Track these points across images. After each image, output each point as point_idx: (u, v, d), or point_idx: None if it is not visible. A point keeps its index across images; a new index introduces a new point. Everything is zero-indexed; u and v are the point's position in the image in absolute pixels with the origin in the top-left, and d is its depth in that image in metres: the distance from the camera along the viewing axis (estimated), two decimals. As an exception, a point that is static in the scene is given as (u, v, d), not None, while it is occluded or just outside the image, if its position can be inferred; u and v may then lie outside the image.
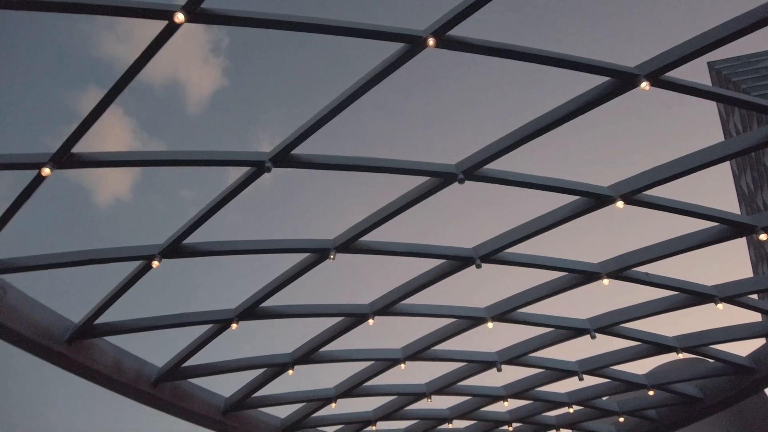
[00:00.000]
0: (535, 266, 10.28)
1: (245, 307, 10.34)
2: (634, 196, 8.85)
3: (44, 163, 7.09)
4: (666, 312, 11.48)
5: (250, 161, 7.95)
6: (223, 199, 8.29)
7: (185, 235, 8.72)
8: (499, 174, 8.68)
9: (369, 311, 10.89)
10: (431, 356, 12.40)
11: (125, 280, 9.33)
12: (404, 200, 8.90)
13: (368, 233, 9.28)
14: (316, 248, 9.51)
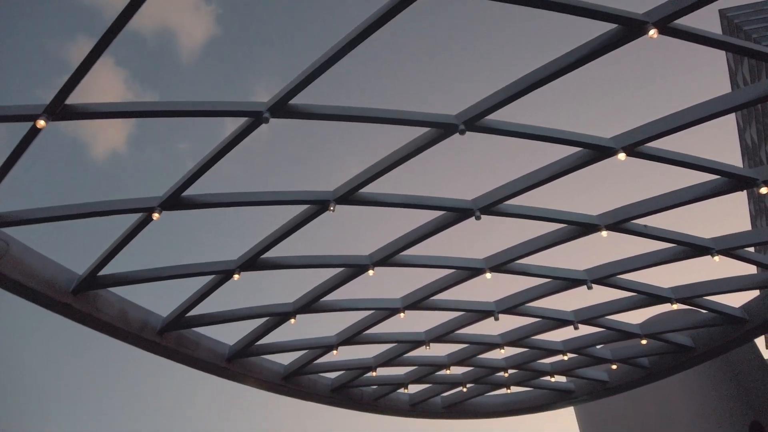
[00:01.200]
0: (534, 218, 10.32)
1: (247, 258, 10.47)
2: (636, 148, 8.76)
3: (38, 115, 6.99)
4: (662, 264, 11.63)
5: (248, 111, 7.82)
6: (221, 151, 8.22)
7: (184, 187, 8.70)
8: (500, 125, 8.57)
9: (369, 262, 11.02)
10: (430, 306, 12.64)
11: (126, 232, 9.39)
12: (404, 151, 8.83)
13: (368, 185, 9.26)
14: (315, 200, 9.51)
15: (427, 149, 8.77)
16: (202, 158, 8.50)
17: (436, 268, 11.66)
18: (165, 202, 8.86)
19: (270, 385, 14.72)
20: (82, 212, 8.91)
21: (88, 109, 7.42)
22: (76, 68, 6.63)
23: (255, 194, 9.54)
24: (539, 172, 9.57)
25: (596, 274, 12.04)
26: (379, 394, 16.49)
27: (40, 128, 7.14)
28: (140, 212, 9.07)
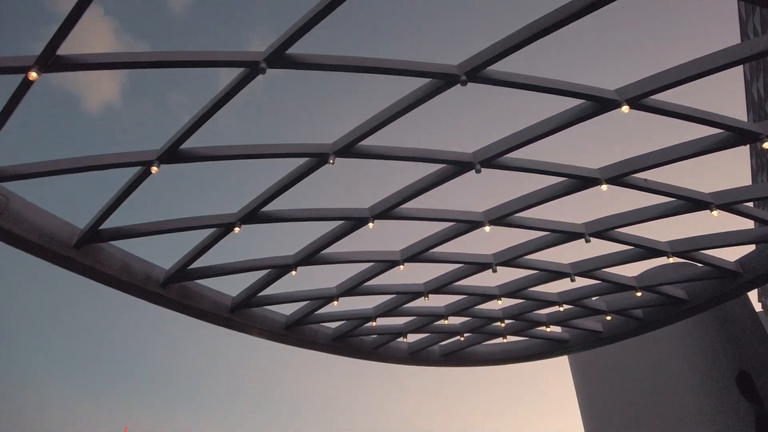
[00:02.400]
0: (534, 171, 10.28)
1: (247, 211, 10.51)
2: (640, 100, 8.62)
3: (29, 67, 6.84)
4: (661, 218, 11.68)
5: (244, 62, 7.65)
6: (217, 103, 8.10)
7: (182, 140, 8.63)
8: (503, 75, 8.39)
9: (369, 215, 11.06)
10: (429, 258, 12.79)
11: (125, 186, 9.39)
12: (404, 103, 8.70)
13: (367, 137, 9.18)
14: (315, 153, 9.45)
15: (428, 101, 8.64)
16: (199, 110, 8.39)
17: (436, 221, 11.73)
18: (163, 155, 8.80)
19: (273, 334, 15.11)
20: (81, 166, 8.87)
21: (80, 60, 7.25)
22: (65, 17, 6.45)
23: (254, 147, 9.47)
24: (541, 124, 9.46)
25: (594, 227, 12.12)
26: (378, 342, 16.96)
27: (33, 80, 7.00)
28: (139, 166, 9.04)
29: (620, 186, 10.65)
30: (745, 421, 25.58)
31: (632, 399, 30.42)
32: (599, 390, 33.53)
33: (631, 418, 30.30)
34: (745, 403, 26.04)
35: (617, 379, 31.74)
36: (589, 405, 34.59)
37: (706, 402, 26.85)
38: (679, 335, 26.45)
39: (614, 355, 27.82)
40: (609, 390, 32.43)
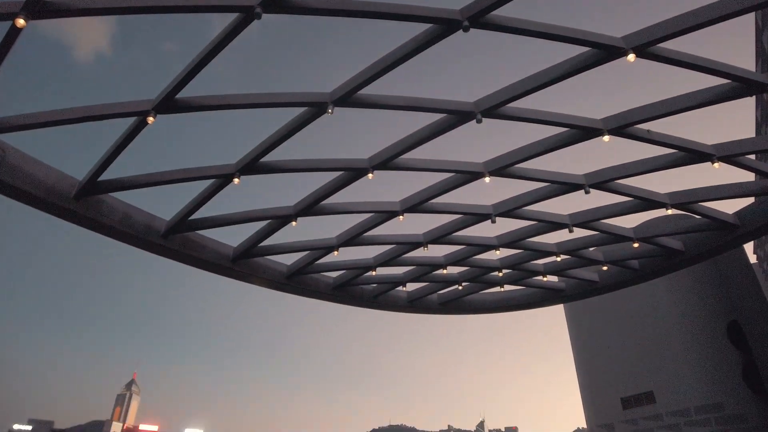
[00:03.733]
0: (536, 121, 10.13)
1: (246, 161, 10.44)
2: (647, 48, 8.38)
3: (17, 13, 6.62)
4: (662, 170, 11.62)
5: (238, 6, 7.38)
6: (212, 50, 7.87)
7: (177, 89, 8.46)
8: (505, 21, 8.12)
9: (368, 165, 11.00)
10: (429, 209, 12.82)
11: (122, 137, 9.28)
12: (404, 50, 8.45)
13: (367, 86, 8.99)
14: (313, 102, 9.29)
15: (429, 48, 8.40)
16: (194, 58, 8.17)
17: (436, 171, 11.68)
18: (159, 105, 8.65)
19: (275, 283, 15.39)
20: (76, 117, 8.74)
21: (68, 6, 6.99)
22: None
23: (251, 96, 9.29)
24: (544, 73, 9.24)
25: (595, 178, 12.08)
26: (378, 291, 17.30)
27: (21, 27, 6.79)
28: (135, 116, 8.91)
29: (622, 137, 10.53)
30: (732, 367, 26.52)
31: (624, 345, 31.42)
32: (592, 336, 34.54)
33: (622, 363, 31.39)
34: (733, 351, 26.91)
35: (610, 325, 32.66)
36: (582, 351, 35.73)
37: (695, 349, 27.73)
38: (672, 284, 27.01)
39: (608, 303, 28.47)
40: (602, 336, 33.42)
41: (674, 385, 27.95)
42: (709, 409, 26.29)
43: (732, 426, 25.28)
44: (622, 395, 30.88)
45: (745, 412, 25.26)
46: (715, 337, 27.31)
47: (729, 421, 25.44)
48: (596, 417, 32.86)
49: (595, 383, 33.53)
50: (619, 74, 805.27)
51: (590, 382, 34.21)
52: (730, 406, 25.67)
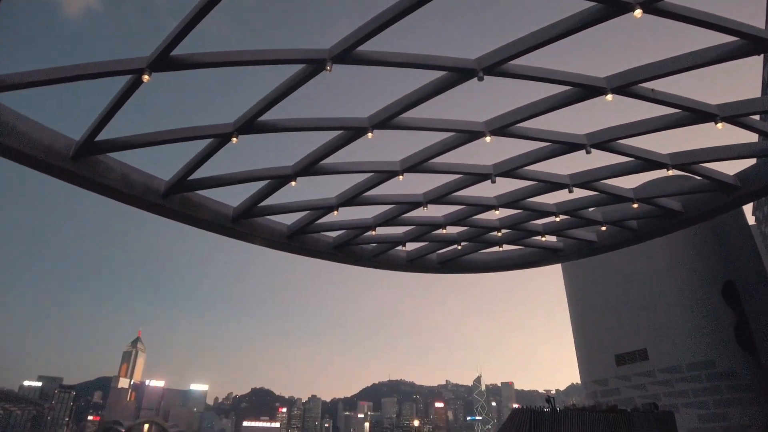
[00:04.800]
0: (538, 79, 9.95)
1: (243, 120, 10.33)
2: (654, 3, 8.14)
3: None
4: (665, 130, 11.50)
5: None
6: (206, 5, 7.66)
7: (172, 46, 8.28)
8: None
9: (368, 124, 10.89)
10: (429, 168, 12.78)
11: (118, 95, 9.16)
12: (404, 4, 8.23)
13: (366, 42, 8.79)
14: (311, 59, 9.10)
15: (430, 2, 8.16)
16: (188, 13, 7.96)
17: (436, 131, 11.57)
18: (154, 63, 8.49)
19: (275, 243, 15.53)
20: (70, 75, 8.59)
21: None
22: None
23: (249, 53, 9.11)
24: (548, 29, 9.00)
25: (596, 138, 11.97)
26: (378, 251, 17.46)
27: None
28: (130, 74, 8.76)
29: (626, 96, 10.37)
30: (725, 326, 27.03)
31: (620, 303, 31.92)
32: (589, 295, 35.04)
33: (617, 321, 31.99)
34: (727, 311, 27.37)
35: (607, 284, 33.08)
36: (578, 309, 36.33)
37: (690, 308, 28.18)
38: (670, 244, 27.19)
39: (605, 262, 28.74)
40: (598, 295, 33.90)
41: (667, 342, 28.55)
42: (700, 366, 26.96)
43: (722, 382, 26.00)
44: (616, 352, 31.60)
45: (736, 369, 25.92)
46: (709, 296, 27.71)
47: (719, 377, 26.13)
48: (590, 373, 33.76)
49: (591, 341, 34.28)
50: (624, 32, 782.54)
51: (585, 340, 34.97)
52: (721, 363, 26.32)
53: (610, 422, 18.99)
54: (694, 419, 26.21)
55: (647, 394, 28.23)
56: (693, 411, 26.47)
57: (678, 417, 21.82)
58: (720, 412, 25.70)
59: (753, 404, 25.06)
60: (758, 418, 24.65)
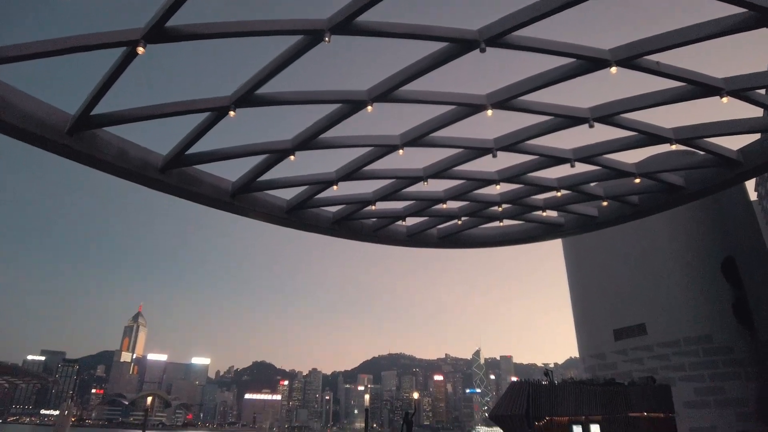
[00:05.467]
0: (542, 51, 9.73)
1: (241, 93, 10.14)
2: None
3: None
4: (669, 103, 11.32)
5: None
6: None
7: (167, 16, 8.06)
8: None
9: (367, 97, 10.71)
10: (429, 142, 12.64)
11: (113, 68, 8.97)
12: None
13: (365, 12, 8.56)
14: (310, 29, 8.89)
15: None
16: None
17: (437, 104, 11.39)
18: (148, 34, 8.28)
19: (274, 218, 15.47)
20: (65, 47, 8.40)
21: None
22: None
23: (245, 23, 8.89)
24: None
25: (600, 112, 11.80)
26: (378, 225, 17.42)
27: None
28: (124, 46, 8.55)
29: (630, 69, 10.17)
30: (723, 302, 27.23)
31: (619, 279, 32.08)
32: (589, 270, 35.20)
33: (616, 296, 32.21)
34: (726, 286, 27.54)
35: (607, 260, 33.19)
36: (578, 284, 36.55)
37: (689, 283, 28.34)
38: (671, 220, 27.18)
39: (605, 238, 28.76)
40: (598, 270, 34.06)
41: (666, 317, 28.79)
42: (697, 341, 27.26)
43: (719, 357, 26.33)
44: (614, 327, 31.90)
45: (732, 344, 26.21)
46: (709, 272, 27.84)
47: (716, 352, 26.45)
48: (589, 347, 34.17)
49: (590, 315, 34.60)
50: (629, 4, 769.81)
51: (585, 315, 35.30)
52: (718, 338, 26.60)
53: (608, 395, 19.33)
54: (690, 392, 26.61)
55: (645, 368, 28.59)
56: (689, 384, 26.86)
57: (674, 390, 22.16)
58: (716, 385, 26.09)
59: (748, 378, 25.42)
60: (753, 392, 25.04)
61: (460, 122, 11.74)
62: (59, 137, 10.08)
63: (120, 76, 9.15)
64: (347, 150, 13.10)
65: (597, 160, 13.82)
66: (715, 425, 25.34)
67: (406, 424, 22.13)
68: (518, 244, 19.49)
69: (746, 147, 13.96)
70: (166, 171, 12.11)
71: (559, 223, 18.21)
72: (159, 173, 12.03)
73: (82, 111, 9.81)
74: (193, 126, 11.28)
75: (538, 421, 18.23)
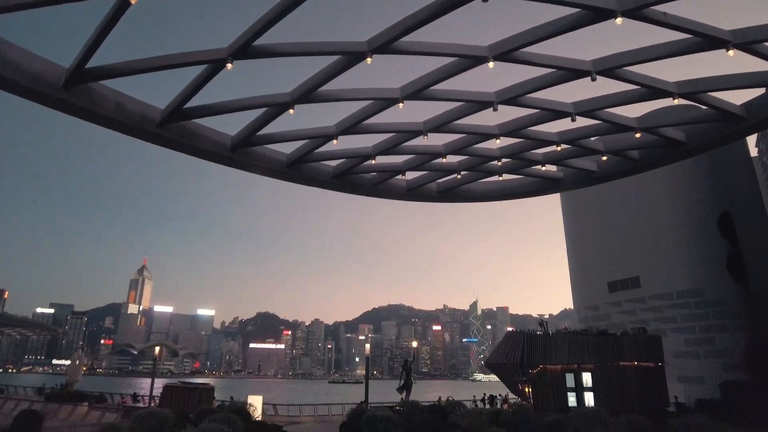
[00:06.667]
0: (545, 0, 9.49)
1: (239, 44, 9.96)
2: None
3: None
4: (673, 56, 11.10)
5: None
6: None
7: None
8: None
9: (367, 49, 10.51)
10: (429, 96, 12.50)
11: (106, 18, 8.77)
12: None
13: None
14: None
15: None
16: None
17: (437, 55, 11.19)
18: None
19: (275, 172, 15.52)
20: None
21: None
22: None
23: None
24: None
25: (603, 64, 11.61)
26: (378, 180, 17.48)
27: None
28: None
29: (636, 19, 9.94)
30: (717, 256, 27.56)
31: (616, 232, 32.39)
32: (586, 224, 35.47)
33: (612, 249, 32.61)
34: (721, 241, 27.80)
35: (604, 213, 33.41)
36: (575, 238, 36.91)
37: (684, 237, 28.61)
38: (669, 174, 27.12)
39: (603, 191, 28.80)
40: (595, 224, 34.33)
41: (660, 270, 29.25)
42: (690, 294, 27.79)
43: (710, 309, 26.92)
44: (609, 280, 32.47)
45: (724, 297, 26.73)
46: (705, 227, 28.05)
47: (707, 305, 27.01)
48: (583, 299, 34.90)
49: (585, 268, 35.16)
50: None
51: (580, 267, 35.86)
52: (710, 291, 27.10)
53: (600, 345, 19.96)
54: (681, 343, 27.40)
55: (637, 320, 29.32)
56: (680, 335, 27.62)
57: (665, 341, 22.82)
58: (706, 336, 26.82)
59: (738, 330, 26.10)
60: (741, 343, 25.77)
61: (461, 76, 11.58)
62: (55, 91, 9.99)
63: (114, 27, 8.97)
64: (347, 104, 13.00)
65: (598, 114, 13.71)
66: (702, 375, 26.24)
67: (405, 371, 22.93)
68: (517, 199, 19.60)
69: (749, 102, 13.81)
70: (164, 125, 12.06)
71: (558, 177, 18.25)
72: (158, 128, 11.99)
73: (77, 64, 9.68)
74: (190, 78, 11.16)
75: (532, 369, 18.94)
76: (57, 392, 27.94)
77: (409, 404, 16.39)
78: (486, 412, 13.39)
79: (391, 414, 12.45)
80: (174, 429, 9.55)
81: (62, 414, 22.36)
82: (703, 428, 9.12)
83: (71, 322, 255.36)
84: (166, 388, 19.06)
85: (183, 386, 19.54)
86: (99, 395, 28.68)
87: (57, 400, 25.00)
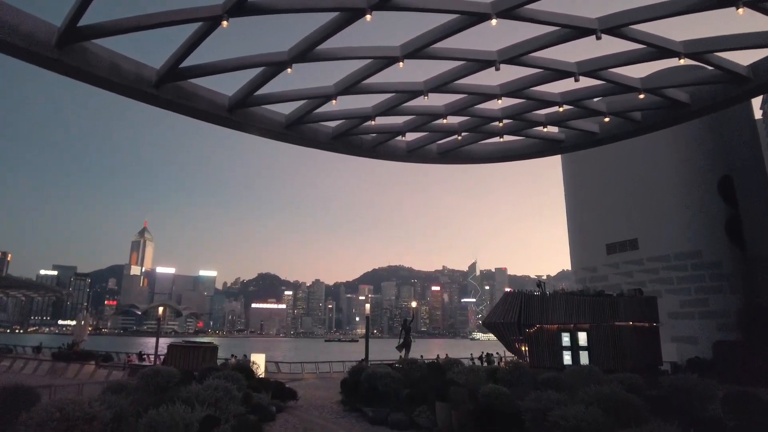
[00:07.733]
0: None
1: (234, 0, 9.68)
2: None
3: None
4: (682, 14, 10.77)
5: None
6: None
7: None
8: None
9: (366, 5, 10.21)
10: (430, 54, 12.21)
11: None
12: None
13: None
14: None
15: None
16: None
17: (439, 12, 10.87)
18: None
19: (273, 133, 15.36)
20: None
21: None
22: None
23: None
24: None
25: (608, 23, 11.30)
26: (377, 141, 17.33)
27: None
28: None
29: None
30: (716, 219, 27.62)
31: (616, 194, 32.34)
32: (586, 186, 35.37)
33: (611, 211, 32.65)
34: (720, 205, 27.80)
35: (605, 175, 33.27)
36: (575, 199, 36.87)
37: (684, 200, 28.58)
38: (671, 136, 26.86)
39: (605, 153, 28.58)
40: (595, 186, 34.23)
41: (658, 233, 29.37)
42: (687, 256, 27.99)
43: (706, 271, 27.18)
44: (607, 241, 32.65)
45: (720, 260, 26.93)
46: (705, 189, 27.98)
47: (704, 267, 27.24)
48: (581, 261, 35.19)
49: (584, 230, 35.28)
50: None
51: (579, 229, 35.98)
52: (707, 254, 27.29)
53: (596, 305, 20.25)
54: (676, 304, 27.80)
55: (634, 281, 29.65)
56: (675, 297, 28.00)
57: (660, 302, 23.12)
58: (701, 297, 27.19)
59: (732, 291, 26.43)
60: (735, 304, 26.16)
61: (463, 34, 11.29)
62: (47, 51, 9.78)
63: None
64: (346, 64, 12.73)
65: (602, 74, 13.45)
66: (696, 334, 26.75)
67: (404, 330, 23.37)
68: (518, 160, 19.50)
69: (756, 63, 13.52)
70: (161, 86, 11.86)
71: (559, 139, 18.09)
72: (153, 88, 11.80)
73: (69, 22, 9.43)
74: (185, 38, 10.89)
75: (529, 328, 19.28)
76: (64, 351, 28.60)
77: (408, 362, 16.80)
78: (483, 370, 13.72)
79: (390, 371, 12.76)
80: (179, 386, 9.82)
81: (70, 372, 22.95)
82: (694, 386, 9.36)
83: (75, 284, 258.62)
84: (170, 347, 19.46)
85: (187, 345, 19.94)
86: (105, 354, 29.38)
87: (65, 359, 25.62)
